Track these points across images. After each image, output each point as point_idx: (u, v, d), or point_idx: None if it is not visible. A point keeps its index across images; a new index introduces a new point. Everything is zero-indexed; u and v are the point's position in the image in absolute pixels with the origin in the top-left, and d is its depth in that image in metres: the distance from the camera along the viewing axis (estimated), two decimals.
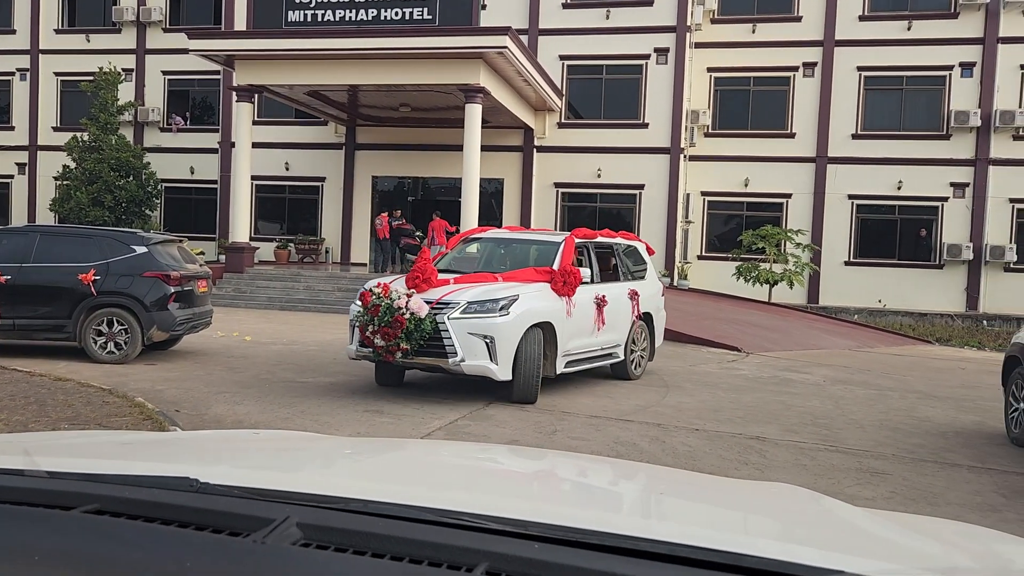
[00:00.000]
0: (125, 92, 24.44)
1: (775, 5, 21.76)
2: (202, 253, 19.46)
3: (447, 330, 7.55)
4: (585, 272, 8.64)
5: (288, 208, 24.13)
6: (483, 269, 8.85)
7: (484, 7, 20.07)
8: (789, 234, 19.54)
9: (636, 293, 9.76)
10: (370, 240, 22.04)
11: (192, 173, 24.91)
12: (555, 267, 8.49)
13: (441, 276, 8.14)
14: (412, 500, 1.11)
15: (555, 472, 1.75)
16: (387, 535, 0.96)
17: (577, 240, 9.11)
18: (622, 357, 9.54)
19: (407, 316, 7.51)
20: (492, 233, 10.05)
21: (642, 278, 10.24)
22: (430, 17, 17.49)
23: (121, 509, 1.03)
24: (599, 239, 9.71)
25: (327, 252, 23.36)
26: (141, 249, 9.65)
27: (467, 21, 17.21)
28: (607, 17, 21.59)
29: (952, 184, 20.96)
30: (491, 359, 7.58)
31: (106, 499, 1.05)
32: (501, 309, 7.67)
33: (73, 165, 23.07)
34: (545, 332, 8.10)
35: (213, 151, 24.29)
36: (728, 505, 1.47)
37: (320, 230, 23.61)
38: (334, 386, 8.51)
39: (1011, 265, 20.65)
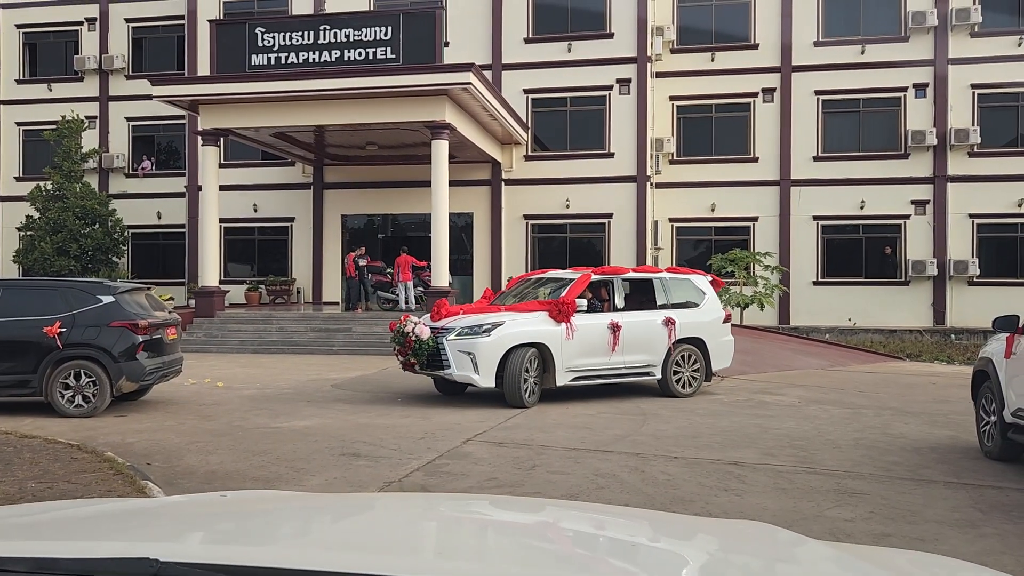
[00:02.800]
0: (89, 139, 24.28)
1: (732, 33, 22.22)
2: (171, 299, 19.24)
3: (444, 349, 9.94)
4: (581, 303, 10.28)
5: (258, 250, 23.98)
6: (522, 301, 10.95)
7: (447, 44, 20.25)
8: (757, 257, 19.77)
9: (672, 320, 10.94)
10: (341, 279, 21.94)
11: (159, 218, 24.70)
12: (561, 299, 10.26)
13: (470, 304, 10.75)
14: (381, 570, 1.09)
15: (506, 523, 1.74)
16: None
17: (597, 277, 10.97)
18: (658, 376, 10.94)
19: (413, 339, 10.09)
20: (537, 275, 12.27)
21: (693, 307, 11.38)
22: (393, 56, 17.56)
23: None
24: (629, 274, 11.32)
25: (299, 293, 23.20)
26: (107, 299, 9.51)
27: (431, 59, 17.31)
28: (569, 50, 21.90)
29: (913, 202, 21.39)
30: (475, 370, 9.82)
31: None
32: (484, 332, 9.86)
33: (37, 215, 22.78)
34: (541, 351, 10.04)
35: (180, 195, 24.13)
36: (697, 553, 1.47)
37: (291, 271, 23.47)
38: (309, 430, 8.40)
39: (975, 279, 21.05)
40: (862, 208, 21.49)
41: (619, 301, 10.91)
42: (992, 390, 7.21)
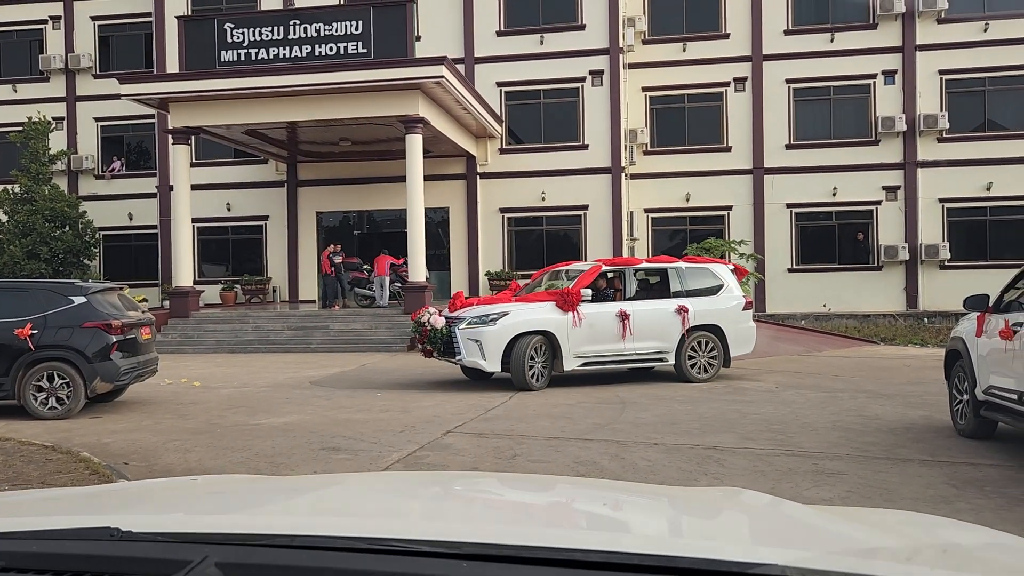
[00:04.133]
0: (57, 141, 23.93)
1: (703, 23, 22.32)
2: (145, 300, 19.01)
3: (456, 337, 10.83)
4: (587, 292, 10.91)
5: (232, 249, 23.76)
6: (544, 289, 11.84)
7: (419, 38, 20.16)
8: (732, 245, 19.89)
9: (685, 308, 11.33)
10: (317, 277, 21.83)
11: (131, 219, 24.40)
12: (566, 289, 10.96)
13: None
14: (341, 531, 1.09)
15: (489, 493, 1.74)
16: (313, 567, 0.95)
17: (608, 268, 11.69)
18: (672, 362, 11.38)
19: (429, 328, 11.12)
20: (560, 267, 12.96)
21: (711, 295, 11.70)
22: (365, 51, 17.43)
23: (29, 565, 1.00)
24: (642, 264, 11.99)
25: (275, 291, 23.03)
26: (80, 299, 9.38)
27: (403, 53, 17.20)
28: (541, 42, 21.89)
29: (884, 187, 21.64)
30: (481, 356, 10.66)
31: (11, 555, 1.01)
32: (490, 321, 10.69)
33: (5, 218, 22.42)
34: (549, 339, 10.78)
35: (151, 196, 23.85)
36: (667, 512, 1.48)
37: (266, 270, 23.29)
38: (288, 426, 8.35)
39: (946, 263, 21.35)
40: (834, 195, 21.71)
41: (630, 290, 11.53)
42: (964, 369, 7.31)
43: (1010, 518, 4.90)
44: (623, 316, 11.08)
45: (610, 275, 11.73)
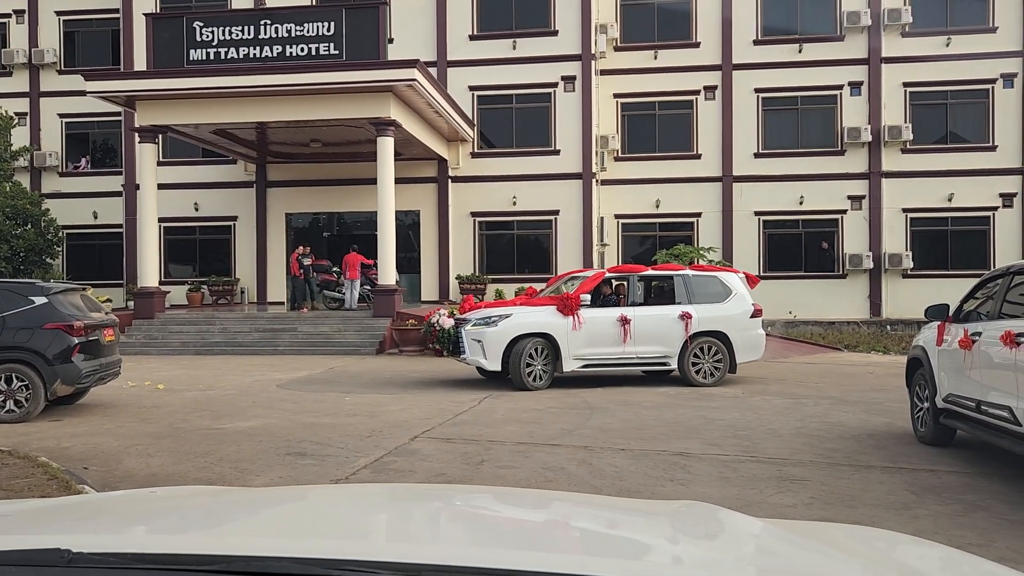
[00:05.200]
0: (19, 137, 23.47)
1: (674, 32, 22.52)
2: (109, 300, 18.71)
3: (462, 337, 11.68)
4: (586, 297, 11.40)
5: (200, 249, 23.47)
6: (552, 294, 12.50)
7: (391, 41, 20.09)
8: (701, 252, 20.09)
9: (688, 315, 11.64)
10: (286, 278, 21.63)
11: (96, 218, 24.00)
12: (566, 294, 11.51)
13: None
14: (300, 552, 1.08)
15: (453, 509, 1.73)
16: None
17: (611, 274, 12.22)
18: (673, 367, 11.74)
19: (438, 328, 13.13)
20: (571, 274, 13.70)
21: (717, 302, 11.94)
22: (337, 52, 17.33)
23: None
24: (647, 272, 12.26)
25: (243, 293, 22.78)
26: (40, 300, 9.20)
27: (374, 55, 17.13)
28: (514, 47, 21.94)
29: (850, 197, 21.98)
30: (483, 356, 11.28)
31: None
32: (492, 323, 11.32)
33: None
34: (549, 341, 11.26)
35: (117, 194, 23.49)
36: (630, 531, 1.48)
37: (234, 271, 23.03)
38: (253, 430, 8.26)
39: (908, 272, 21.73)
40: (801, 203, 22.00)
41: (634, 297, 11.90)
42: (925, 377, 7.44)
43: (966, 524, 4.99)
44: (624, 321, 11.48)
45: (615, 282, 12.28)
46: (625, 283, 12.20)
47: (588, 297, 11.50)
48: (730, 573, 1.16)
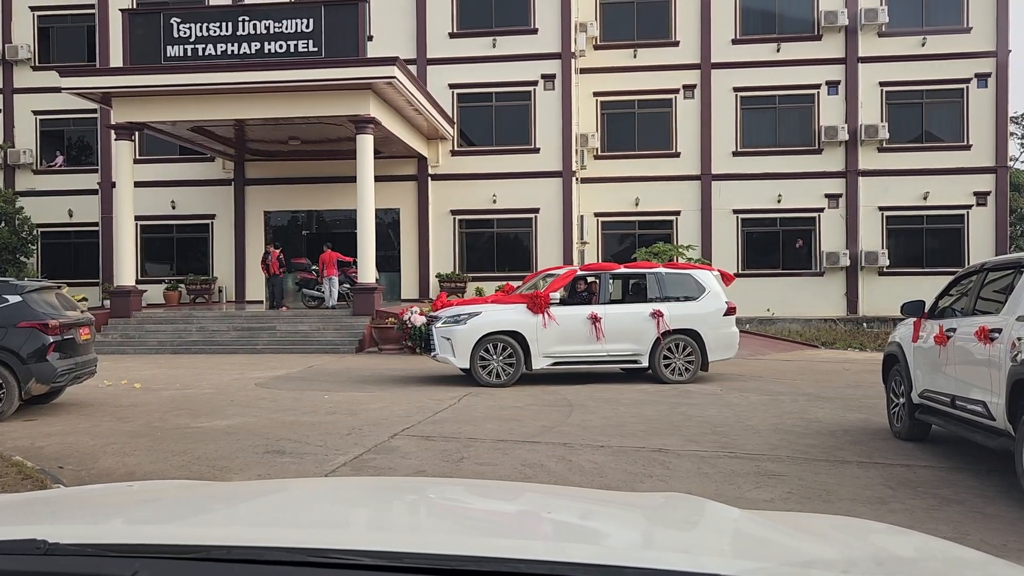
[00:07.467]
0: None
1: (653, 31, 22.61)
2: (85, 299, 18.51)
3: (432, 335, 11.61)
4: (555, 296, 11.46)
5: (177, 248, 23.26)
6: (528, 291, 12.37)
7: (371, 38, 20.00)
8: (680, 249, 20.17)
9: (660, 313, 11.61)
10: (265, 277, 21.47)
11: (71, 216, 23.71)
12: (535, 292, 11.62)
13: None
14: (280, 542, 1.07)
15: (433, 500, 1.73)
16: None
17: (584, 272, 12.24)
18: (645, 364, 11.68)
19: (410, 325, 13.30)
20: (546, 272, 13.76)
21: (690, 300, 11.93)
22: (315, 49, 17.22)
23: None
24: (620, 270, 12.27)
25: (220, 291, 22.61)
26: (15, 298, 9.09)
27: (354, 52, 17.04)
28: (494, 45, 21.92)
29: (827, 195, 22.18)
30: (452, 353, 11.34)
31: None
32: (461, 321, 11.37)
33: None
34: (518, 339, 11.30)
35: (93, 192, 23.22)
36: (612, 520, 1.49)
37: (212, 269, 22.84)
38: (231, 429, 8.20)
39: (884, 269, 21.97)
40: (779, 201, 22.17)
41: (606, 294, 11.86)
42: (901, 373, 7.53)
43: (941, 517, 5.06)
44: (594, 319, 11.47)
45: (589, 279, 12.16)
46: (598, 281, 12.17)
47: (558, 295, 11.54)
48: (714, 557, 1.18)
